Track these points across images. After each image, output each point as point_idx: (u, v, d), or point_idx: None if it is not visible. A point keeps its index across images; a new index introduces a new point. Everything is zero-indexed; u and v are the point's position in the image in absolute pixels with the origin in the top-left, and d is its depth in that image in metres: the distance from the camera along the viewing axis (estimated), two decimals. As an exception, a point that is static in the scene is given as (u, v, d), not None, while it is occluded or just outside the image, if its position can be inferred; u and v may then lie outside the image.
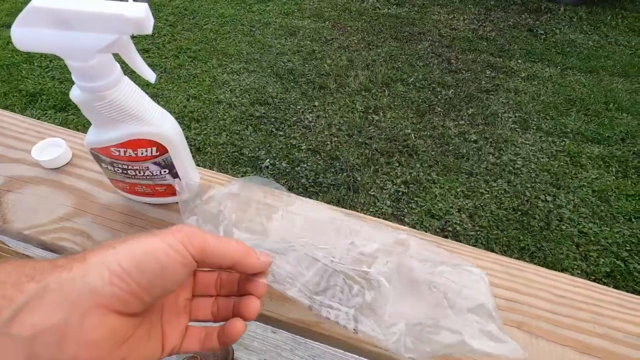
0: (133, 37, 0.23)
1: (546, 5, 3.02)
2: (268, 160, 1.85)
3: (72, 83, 0.25)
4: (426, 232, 1.76)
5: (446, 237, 1.60)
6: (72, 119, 1.96)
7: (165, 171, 0.32)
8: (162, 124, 0.29)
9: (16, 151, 0.40)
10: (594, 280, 1.46)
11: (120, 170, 0.32)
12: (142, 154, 0.30)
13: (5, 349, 0.16)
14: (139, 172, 0.32)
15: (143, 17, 0.22)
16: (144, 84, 2.18)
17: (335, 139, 1.97)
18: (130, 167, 0.31)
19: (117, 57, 0.25)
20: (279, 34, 2.68)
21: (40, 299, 0.17)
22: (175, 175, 0.33)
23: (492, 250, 1.53)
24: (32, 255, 1.09)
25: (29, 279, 0.17)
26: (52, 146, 0.39)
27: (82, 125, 1.95)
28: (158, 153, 0.30)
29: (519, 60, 2.51)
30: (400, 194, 1.74)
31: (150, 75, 0.26)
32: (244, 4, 2.97)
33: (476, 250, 0.34)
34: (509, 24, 2.84)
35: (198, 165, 0.37)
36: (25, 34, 0.22)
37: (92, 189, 0.37)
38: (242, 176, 1.70)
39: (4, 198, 0.36)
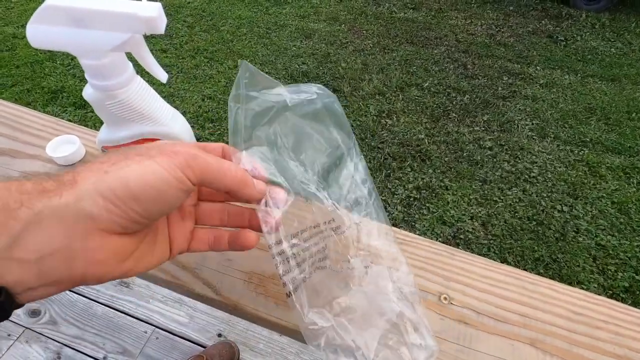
0: (148, 36, 0.23)
1: (567, 12, 2.95)
2: (279, 161, 1.85)
3: None
4: (437, 239, 1.73)
5: (457, 244, 1.57)
6: (91, 116, 2.01)
7: None
8: (173, 124, 0.29)
9: (32, 147, 0.41)
10: (611, 295, 1.41)
11: None
12: None
13: (14, 269, 0.17)
14: None
15: (156, 17, 0.22)
16: (159, 84, 2.22)
17: (348, 142, 1.96)
18: None
19: (130, 57, 0.25)
20: (295, 36, 2.69)
21: (38, 225, 0.17)
22: None
23: (505, 260, 1.50)
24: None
25: (18, 204, 0.17)
26: (66, 143, 0.39)
27: (100, 122, 1.99)
28: None
29: (538, 67, 2.46)
30: (411, 199, 1.72)
31: (162, 75, 0.26)
32: (261, 7, 3.00)
33: (489, 262, 0.33)
34: (528, 30, 2.79)
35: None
36: (40, 32, 0.22)
37: (104, 186, 0.37)
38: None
39: (18, 193, 0.36)
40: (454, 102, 2.20)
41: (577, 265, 1.45)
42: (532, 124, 2.06)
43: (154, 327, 1.02)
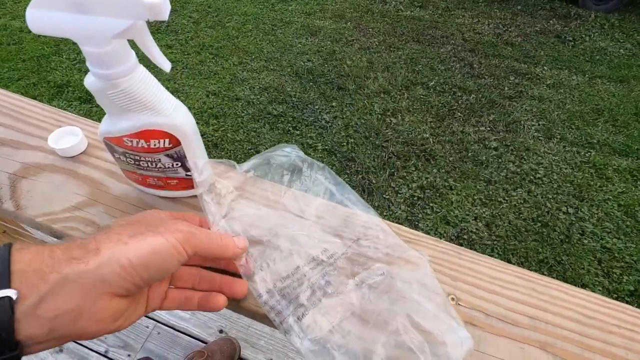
0: (153, 31, 0.23)
1: (576, 12, 2.92)
2: (283, 159, 1.84)
3: None
4: (440, 239, 1.72)
5: (461, 244, 1.56)
6: (96, 110, 2.01)
7: (177, 164, 0.31)
8: (175, 116, 0.28)
9: (34, 138, 0.40)
10: (616, 299, 1.39)
11: (133, 162, 0.31)
12: (154, 145, 0.29)
13: (32, 325, 0.20)
14: (151, 164, 0.31)
15: (159, 2, 0.21)
16: (163, 79, 2.22)
17: (352, 140, 1.95)
18: (142, 159, 0.31)
19: (133, 45, 0.25)
20: (300, 33, 2.68)
21: (61, 288, 0.20)
22: (187, 169, 0.32)
23: (509, 262, 1.48)
24: (46, 240, 1.12)
25: (50, 269, 0.20)
26: (68, 135, 0.39)
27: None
28: (171, 145, 0.30)
29: (545, 67, 2.43)
30: (415, 198, 1.71)
31: (165, 64, 0.25)
32: (267, 3, 2.99)
33: (497, 262, 0.32)
34: (536, 30, 2.76)
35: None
36: (40, 16, 0.22)
37: (106, 179, 0.37)
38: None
39: (18, 184, 0.36)
40: (459, 102, 2.19)
41: (582, 268, 1.44)
42: (539, 124, 2.04)
43: (155, 322, 1.02)
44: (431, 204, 1.68)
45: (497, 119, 2.07)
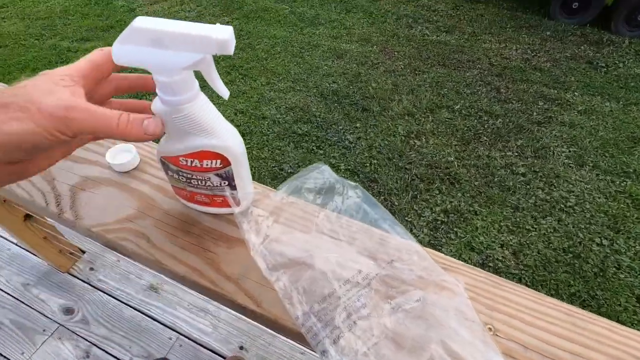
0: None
1: (609, 38, 2.86)
2: (307, 177, 1.87)
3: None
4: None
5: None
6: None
7: (225, 183, 0.33)
8: (229, 139, 0.31)
9: (93, 154, 0.44)
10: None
11: (185, 179, 0.34)
12: (206, 165, 0.32)
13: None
14: (201, 182, 0.33)
15: (228, 39, 0.24)
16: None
17: (375, 161, 1.96)
18: (194, 177, 0.33)
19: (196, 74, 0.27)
20: (327, 56, 2.76)
21: None
22: (233, 187, 0.34)
23: (538, 293, 1.42)
24: (87, 249, 1.18)
25: None
26: (123, 151, 0.42)
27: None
28: (221, 165, 0.32)
29: (576, 93, 2.38)
30: (439, 222, 1.68)
31: (224, 92, 0.28)
32: (296, 27, 3.11)
33: (535, 294, 0.32)
34: (566, 55, 2.72)
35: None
36: (124, 50, 0.25)
37: (155, 194, 0.40)
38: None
39: (78, 196, 0.39)
40: (485, 126, 2.16)
41: (619, 304, 1.35)
42: (569, 151, 1.98)
43: (178, 334, 1.04)
44: (455, 229, 1.64)
45: (525, 145, 2.03)
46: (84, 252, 1.18)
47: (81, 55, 0.28)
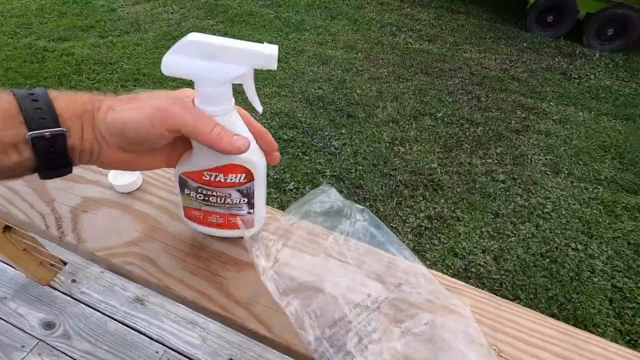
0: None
1: (581, 50, 3.01)
2: (292, 183, 1.87)
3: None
4: (448, 271, 1.71)
5: (469, 278, 1.56)
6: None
7: (244, 200, 0.34)
8: (254, 152, 0.32)
9: (92, 173, 0.43)
10: (628, 341, 1.37)
11: (202, 197, 0.33)
12: (230, 179, 0.32)
13: (75, 155, 0.27)
14: (220, 199, 0.33)
15: (275, 55, 0.26)
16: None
17: (360, 167, 1.98)
18: (213, 193, 0.33)
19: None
20: (312, 62, 2.77)
21: (89, 129, 0.28)
22: (251, 205, 0.34)
23: (518, 298, 1.47)
24: (68, 260, 1.13)
25: (80, 114, 0.28)
26: (126, 172, 0.41)
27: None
28: (245, 180, 0.32)
29: (551, 103, 2.49)
30: (423, 228, 1.72)
31: (259, 107, 0.30)
32: (281, 32, 3.11)
33: (537, 315, 0.34)
34: (542, 66, 2.84)
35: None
36: (175, 61, 0.27)
37: (160, 215, 0.39)
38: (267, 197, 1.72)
39: (79, 218, 0.38)
40: (467, 134, 2.23)
41: (593, 307, 1.42)
42: (546, 159, 2.07)
43: (165, 348, 1.01)
44: (439, 235, 1.68)
45: (504, 152, 2.11)
46: (65, 263, 1.13)
47: (58, 55, 0.30)
